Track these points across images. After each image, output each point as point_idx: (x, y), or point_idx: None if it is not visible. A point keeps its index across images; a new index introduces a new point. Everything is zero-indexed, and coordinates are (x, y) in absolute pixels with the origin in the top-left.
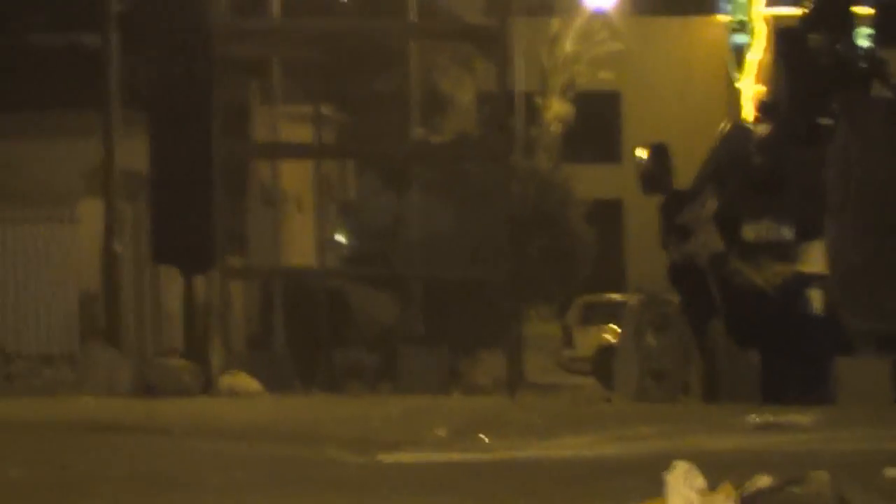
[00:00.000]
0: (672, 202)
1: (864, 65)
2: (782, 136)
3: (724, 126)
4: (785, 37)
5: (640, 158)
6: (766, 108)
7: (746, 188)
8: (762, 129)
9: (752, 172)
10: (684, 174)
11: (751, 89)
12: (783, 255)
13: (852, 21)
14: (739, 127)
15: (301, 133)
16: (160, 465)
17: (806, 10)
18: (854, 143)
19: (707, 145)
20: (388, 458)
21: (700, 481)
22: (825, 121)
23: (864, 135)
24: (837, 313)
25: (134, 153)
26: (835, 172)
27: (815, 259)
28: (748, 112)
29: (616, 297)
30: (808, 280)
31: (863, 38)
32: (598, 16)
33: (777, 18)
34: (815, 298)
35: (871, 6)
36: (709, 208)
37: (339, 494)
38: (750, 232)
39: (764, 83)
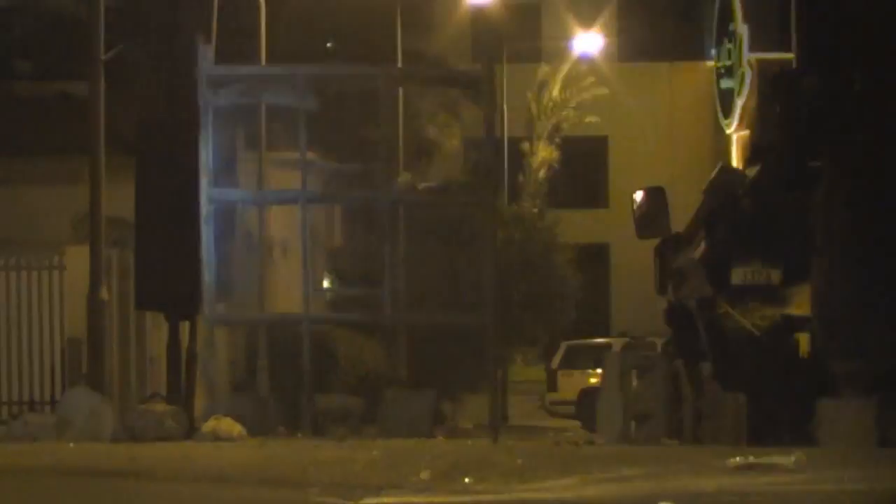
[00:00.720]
0: (668, 245)
1: (856, 106)
2: (770, 180)
3: (716, 170)
4: (774, 80)
5: (637, 201)
6: (754, 152)
7: (734, 232)
8: (750, 173)
9: (740, 216)
10: (671, 218)
11: (737, 134)
12: (770, 299)
13: (845, 63)
14: (728, 171)
15: (287, 179)
16: None
17: (796, 54)
18: (840, 187)
19: (694, 190)
20: (372, 501)
21: None
22: (813, 164)
23: (850, 179)
24: (822, 355)
25: (120, 199)
26: (820, 216)
27: (801, 302)
28: (735, 156)
29: (600, 340)
30: (794, 323)
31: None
32: (585, 61)
33: (763, 62)
34: (801, 341)
35: (859, 46)
36: (698, 252)
37: None
38: (738, 276)
39: (750, 127)
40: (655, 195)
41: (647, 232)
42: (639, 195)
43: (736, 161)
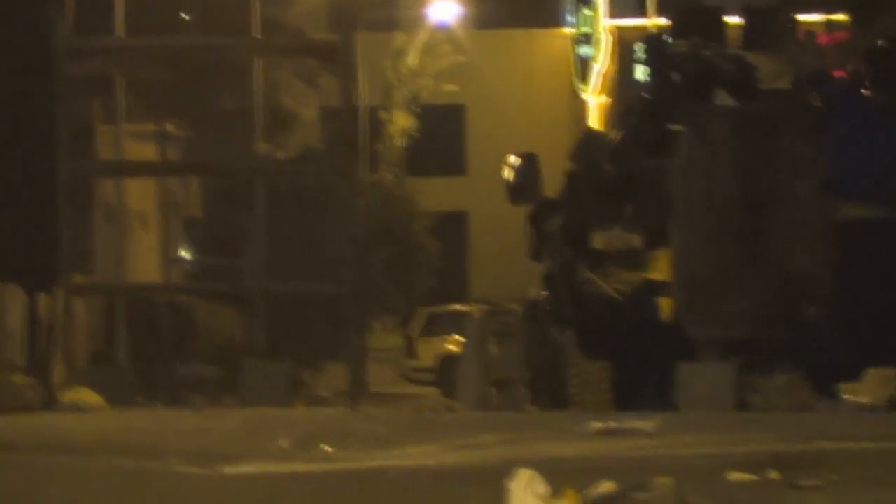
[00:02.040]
0: (540, 211)
1: (730, 71)
2: (631, 145)
3: (581, 135)
4: (644, 46)
5: (510, 168)
6: (615, 119)
7: (596, 197)
8: (613, 139)
9: (602, 181)
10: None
11: (595, 100)
12: (631, 264)
13: (717, 28)
14: (592, 136)
15: (145, 150)
16: (2, 481)
17: (658, 22)
18: (699, 153)
19: (552, 157)
20: (231, 470)
21: (543, 488)
22: (675, 130)
23: (710, 145)
24: (682, 320)
25: None
26: (680, 182)
27: (661, 267)
28: (593, 123)
29: (459, 308)
30: (655, 287)
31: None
32: (442, 29)
33: (621, 30)
34: (662, 305)
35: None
36: (562, 217)
37: None
38: (599, 240)
39: (608, 94)
40: (528, 162)
41: (520, 198)
42: (511, 162)
43: (595, 128)
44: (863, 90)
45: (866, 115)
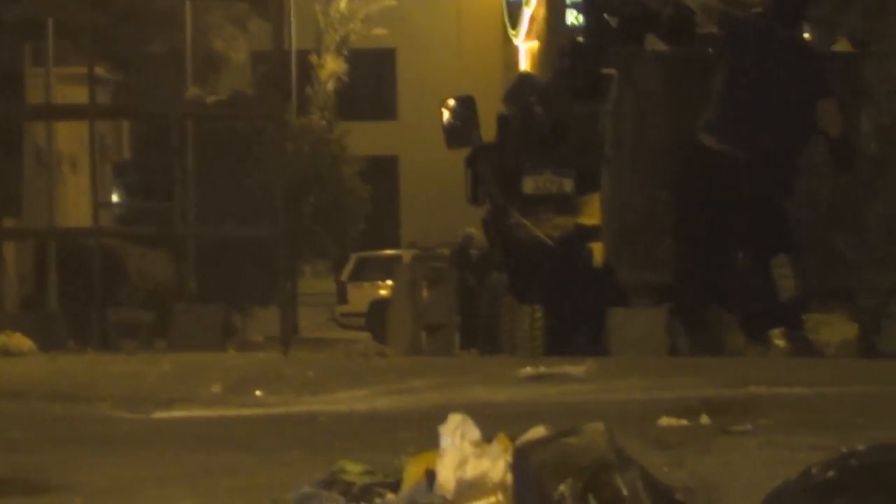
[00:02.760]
0: (478, 155)
1: (667, 15)
2: (561, 87)
3: (515, 78)
4: None
5: (446, 112)
6: (547, 62)
7: (526, 140)
8: (544, 81)
9: (532, 124)
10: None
11: (526, 45)
12: (562, 208)
13: None
14: (525, 78)
15: (75, 94)
16: None
17: None
18: (629, 97)
19: (482, 102)
20: (162, 414)
21: (474, 433)
22: (607, 74)
23: (639, 88)
24: (612, 265)
25: None
26: (610, 125)
27: (593, 212)
28: (523, 67)
29: (390, 252)
30: (586, 232)
31: None
32: None
33: None
34: (593, 250)
35: None
36: (494, 161)
37: (113, 451)
38: (529, 185)
39: (538, 38)
40: (465, 105)
41: (457, 142)
42: (448, 105)
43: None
44: (764, 30)
45: (759, 54)
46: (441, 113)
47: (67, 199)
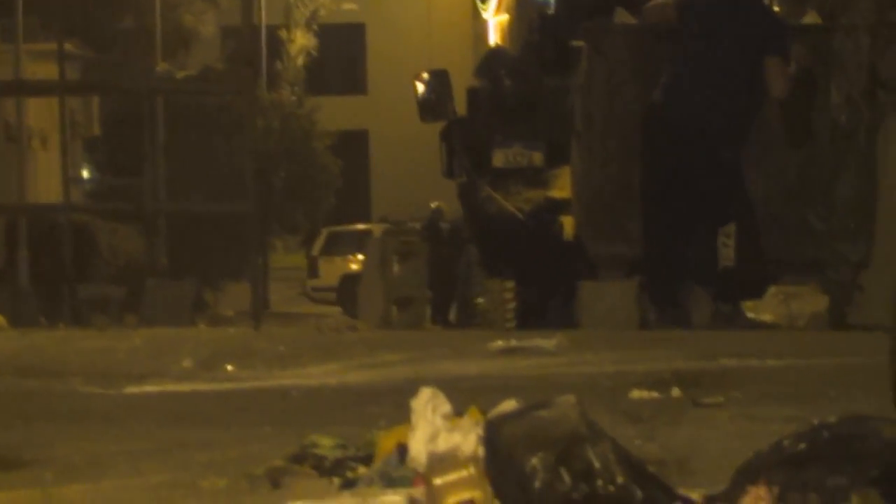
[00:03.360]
0: (453, 129)
1: None
2: (531, 60)
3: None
4: None
5: (420, 85)
6: (517, 36)
7: (497, 113)
8: (515, 54)
9: (502, 97)
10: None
11: (495, 18)
12: (533, 182)
13: None
14: (497, 51)
15: (45, 70)
16: None
17: None
18: (598, 68)
19: (452, 75)
20: (134, 390)
21: (446, 407)
22: (577, 47)
23: (608, 61)
24: (582, 237)
25: None
26: (580, 99)
27: (563, 185)
28: (493, 41)
29: (361, 226)
30: (557, 205)
31: None
32: None
33: None
34: (564, 224)
35: None
36: (465, 134)
37: (85, 426)
38: (499, 158)
39: (508, 12)
40: (439, 78)
41: (431, 116)
42: (422, 78)
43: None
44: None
45: (711, 21)
46: (414, 86)
47: (38, 176)
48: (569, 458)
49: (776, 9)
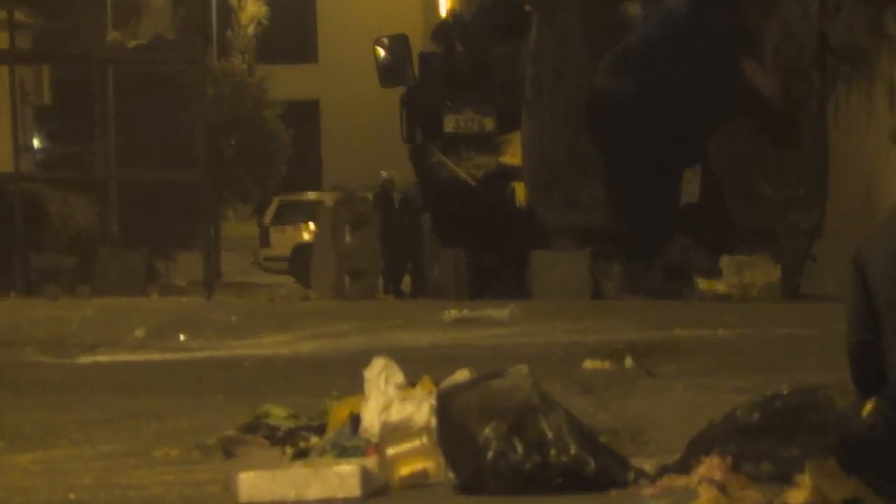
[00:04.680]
0: (412, 94)
1: None
2: (483, 26)
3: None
4: None
5: (380, 51)
6: (469, 1)
7: (448, 79)
8: (466, 22)
9: (453, 63)
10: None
11: None
12: (484, 147)
13: None
14: (451, 17)
15: None
16: None
17: None
18: (548, 36)
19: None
20: (87, 359)
21: (398, 377)
22: (528, 13)
23: (558, 29)
24: (534, 207)
25: None
26: (530, 66)
27: (515, 151)
28: (444, 8)
29: (313, 196)
30: (508, 172)
31: None
32: None
33: None
34: (516, 191)
35: None
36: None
37: (37, 395)
38: (450, 123)
39: None
40: (398, 44)
41: (391, 82)
42: (382, 43)
43: (444, 13)
44: None
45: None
46: (375, 51)
47: None
48: (522, 429)
49: None
